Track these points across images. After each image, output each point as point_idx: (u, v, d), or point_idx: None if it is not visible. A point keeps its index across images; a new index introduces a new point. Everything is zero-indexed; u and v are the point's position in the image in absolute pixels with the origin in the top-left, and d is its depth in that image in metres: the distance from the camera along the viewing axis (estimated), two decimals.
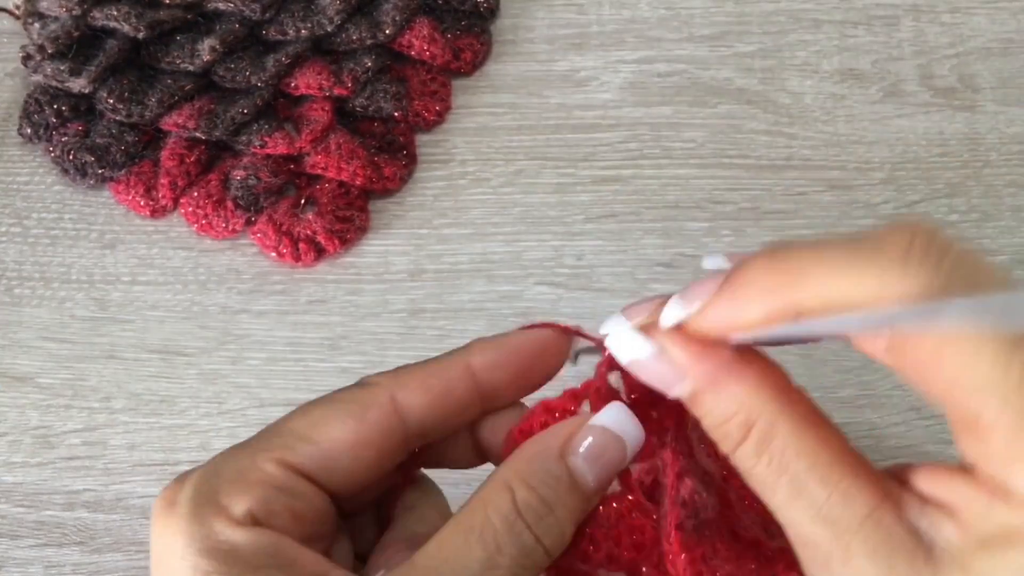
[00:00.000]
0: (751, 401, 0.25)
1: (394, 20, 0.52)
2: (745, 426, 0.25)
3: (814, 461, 0.25)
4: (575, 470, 0.27)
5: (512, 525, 0.26)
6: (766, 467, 0.25)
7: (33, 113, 0.52)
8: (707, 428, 0.26)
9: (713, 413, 0.25)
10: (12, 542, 0.44)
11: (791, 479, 0.24)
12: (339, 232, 0.48)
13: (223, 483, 0.26)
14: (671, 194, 0.50)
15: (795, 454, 0.25)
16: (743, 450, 0.25)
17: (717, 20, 0.55)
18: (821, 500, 0.24)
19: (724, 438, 0.25)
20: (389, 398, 0.29)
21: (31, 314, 0.49)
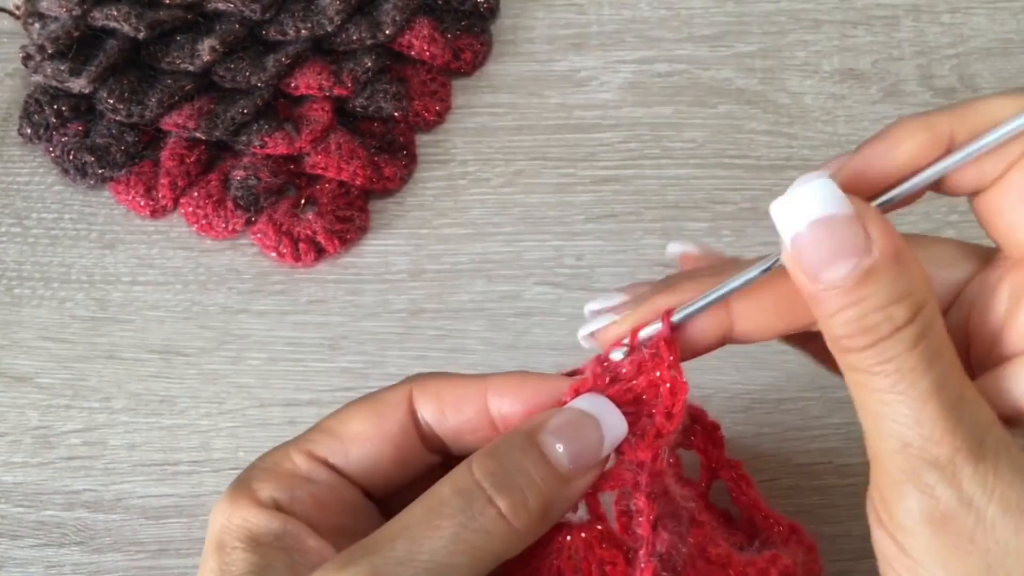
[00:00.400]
0: (925, 286, 0.25)
1: (394, 20, 0.52)
2: (915, 308, 0.25)
3: (955, 359, 0.25)
4: (545, 445, 0.27)
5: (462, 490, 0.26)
6: (922, 354, 0.25)
7: (33, 113, 0.52)
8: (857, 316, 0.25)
9: (887, 291, 0.25)
10: (12, 542, 0.44)
11: (941, 369, 0.25)
12: (339, 232, 0.48)
13: (258, 471, 0.29)
14: (671, 194, 0.50)
15: (948, 346, 0.25)
16: (905, 333, 0.25)
17: (717, 20, 0.55)
18: (961, 394, 0.25)
19: (884, 321, 0.25)
20: (407, 397, 0.30)
21: (31, 314, 0.49)
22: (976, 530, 0.24)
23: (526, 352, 0.46)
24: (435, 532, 0.26)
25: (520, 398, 0.30)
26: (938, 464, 0.24)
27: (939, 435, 0.24)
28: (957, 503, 0.24)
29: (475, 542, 0.26)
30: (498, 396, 0.30)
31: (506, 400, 0.30)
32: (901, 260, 0.25)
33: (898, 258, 0.25)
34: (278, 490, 0.29)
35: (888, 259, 0.25)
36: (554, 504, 0.27)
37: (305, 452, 0.30)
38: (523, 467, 0.27)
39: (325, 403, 0.46)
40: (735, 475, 0.36)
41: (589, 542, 0.28)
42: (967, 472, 0.24)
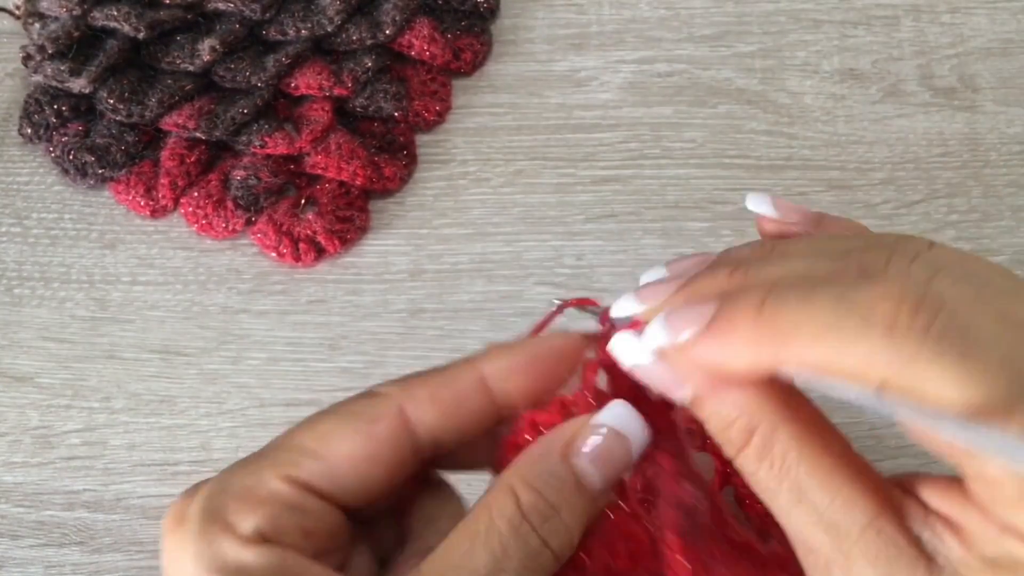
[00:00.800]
0: (752, 407, 0.25)
1: (394, 20, 0.52)
2: (747, 432, 0.25)
3: (815, 467, 0.25)
4: (580, 471, 0.27)
5: (517, 528, 0.26)
6: (767, 472, 0.25)
7: (33, 113, 0.52)
8: (710, 432, 0.26)
9: (714, 418, 0.25)
10: (12, 542, 0.44)
11: (792, 485, 0.25)
12: (339, 232, 0.48)
13: (230, 500, 0.26)
14: (671, 194, 0.50)
15: (796, 460, 0.25)
16: (745, 455, 0.25)
17: (717, 20, 0.55)
18: (823, 506, 0.24)
19: (726, 443, 0.25)
20: (398, 411, 0.28)
21: (31, 314, 0.49)
22: None
23: None
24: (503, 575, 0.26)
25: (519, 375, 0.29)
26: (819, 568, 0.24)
27: (815, 543, 0.24)
28: None
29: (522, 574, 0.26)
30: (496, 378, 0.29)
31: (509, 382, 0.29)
32: (719, 389, 0.25)
33: (716, 388, 0.25)
34: (261, 520, 0.26)
35: (706, 391, 0.25)
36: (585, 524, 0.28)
37: (284, 476, 0.27)
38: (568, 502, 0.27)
39: (325, 403, 0.45)
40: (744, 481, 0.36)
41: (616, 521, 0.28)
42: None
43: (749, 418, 0.25)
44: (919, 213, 0.49)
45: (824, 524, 0.24)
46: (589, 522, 0.27)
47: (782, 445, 0.25)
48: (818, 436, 0.25)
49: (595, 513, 0.28)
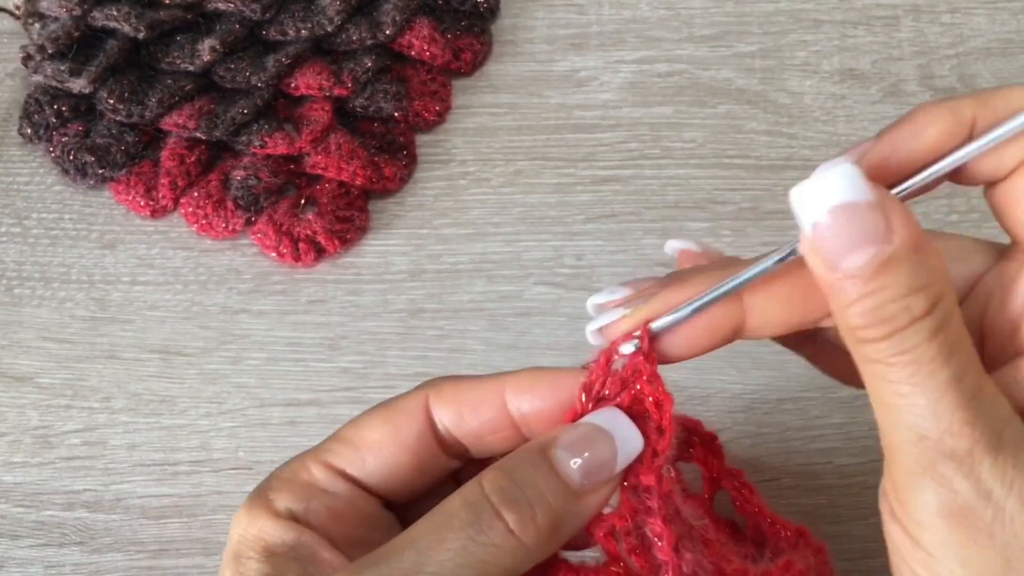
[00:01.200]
0: (944, 277, 0.25)
1: (394, 20, 0.52)
2: (934, 299, 0.24)
3: (973, 353, 0.25)
4: (556, 460, 0.27)
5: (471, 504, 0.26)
6: (940, 345, 0.24)
7: (33, 113, 0.52)
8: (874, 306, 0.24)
9: (906, 281, 0.24)
10: (12, 542, 0.44)
11: (960, 361, 0.24)
12: (339, 232, 0.48)
13: (276, 481, 0.30)
14: (671, 194, 0.50)
15: (965, 338, 0.25)
16: (921, 325, 0.24)
17: (717, 20, 0.55)
18: (979, 386, 0.24)
19: (902, 311, 0.24)
20: (423, 404, 0.30)
21: (31, 314, 0.49)
22: (995, 524, 0.24)
23: (526, 352, 0.46)
24: (442, 545, 0.26)
25: (538, 395, 0.29)
26: (956, 456, 0.24)
27: (957, 427, 0.24)
28: (975, 496, 0.24)
29: (482, 556, 0.26)
30: (516, 395, 0.29)
31: (525, 398, 0.29)
32: (921, 250, 0.24)
33: (918, 248, 0.24)
34: (294, 501, 0.29)
35: (908, 249, 0.24)
36: (564, 520, 0.27)
37: (322, 462, 0.30)
38: (533, 481, 0.27)
39: (325, 403, 0.46)
40: (738, 484, 0.36)
41: None
42: (986, 465, 0.24)
43: (940, 286, 0.24)
44: (919, 213, 0.48)
45: (979, 404, 0.24)
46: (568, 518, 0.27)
47: (958, 321, 0.25)
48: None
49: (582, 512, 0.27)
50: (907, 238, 0.24)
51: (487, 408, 0.29)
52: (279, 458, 0.44)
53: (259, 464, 0.45)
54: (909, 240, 0.24)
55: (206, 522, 0.44)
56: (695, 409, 0.44)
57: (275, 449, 0.45)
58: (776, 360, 0.45)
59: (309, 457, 0.30)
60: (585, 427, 0.28)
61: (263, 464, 0.45)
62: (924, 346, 0.24)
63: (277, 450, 0.45)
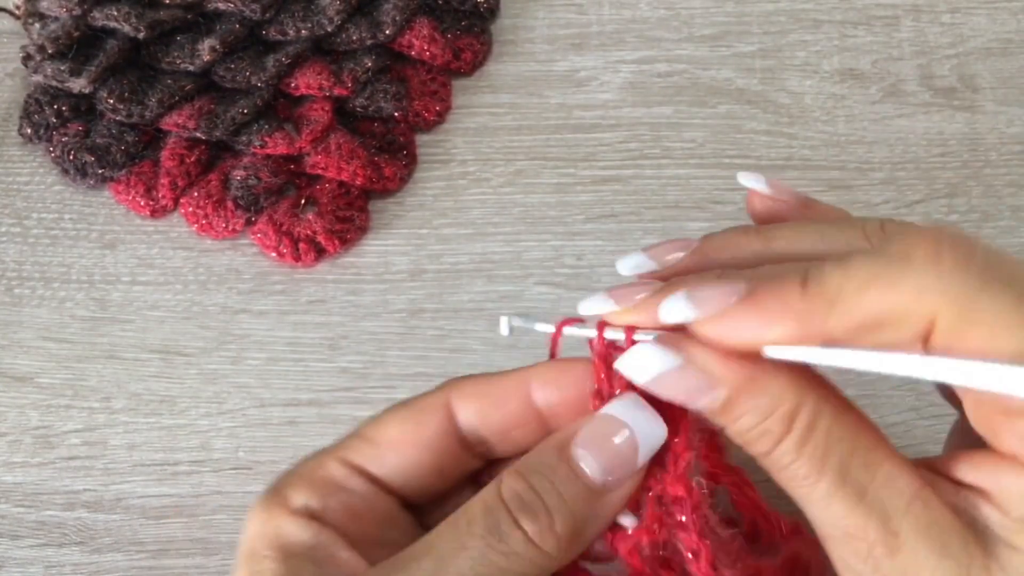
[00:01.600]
0: (792, 393, 0.24)
1: (394, 20, 0.52)
2: (788, 419, 0.24)
3: (855, 446, 0.24)
4: (575, 459, 0.27)
5: (491, 510, 0.26)
6: (809, 458, 0.24)
7: (33, 113, 0.52)
8: (737, 434, 0.25)
9: (753, 413, 0.24)
10: (12, 542, 0.44)
11: (836, 466, 0.24)
12: (339, 232, 0.48)
13: (293, 478, 0.29)
14: (671, 194, 0.50)
15: (838, 440, 0.24)
16: (785, 445, 0.24)
17: (717, 20, 0.55)
18: (866, 484, 0.24)
19: (763, 436, 0.25)
20: (445, 401, 0.29)
21: (31, 314, 0.49)
22: None
23: (526, 352, 0.46)
24: (462, 552, 0.25)
25: (563, 386, 0.29)
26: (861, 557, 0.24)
27: (852, 530, 0.24)
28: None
29: (502, 564, 0.25)
30: (542, 386, 0.29)
31: (550, 389, 0.29)
32: (755, 381, 0.24)
33: (751, 381, 0.24)
34: (311, 498, 0.28)
35: (739, 389, 0.24)
36: (586, 523, 0.26)
37: (341, 459, 0.29)
38: (551, 486, 0.26)
39: (325, 403, 0.46)
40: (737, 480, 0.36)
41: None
42: (886, 565, 0.24)
43: (790, 404, 0.24)
44: (919, 213, 0.49)
45: (868, 504, 0.24)
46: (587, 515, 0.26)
47: (824, 427, 0.24)
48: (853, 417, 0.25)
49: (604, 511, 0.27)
50: (732, 381, 0.24)
51: (512, 401, 0.29)
52: (279, 458, 0.45)
53: (259, 464, 0.45)
54: (735, 382, 0.24)
55: (206, 522, 0.44)
56: None
57: (275, 449, 0.45)
58: None
59: (327, 454, 0.29)
60: (603, 420, 0.27)
61: (263, 464, 0.45)
62: (795, 464, 0.24)
63: (277, 450, 0.45)
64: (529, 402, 0.29)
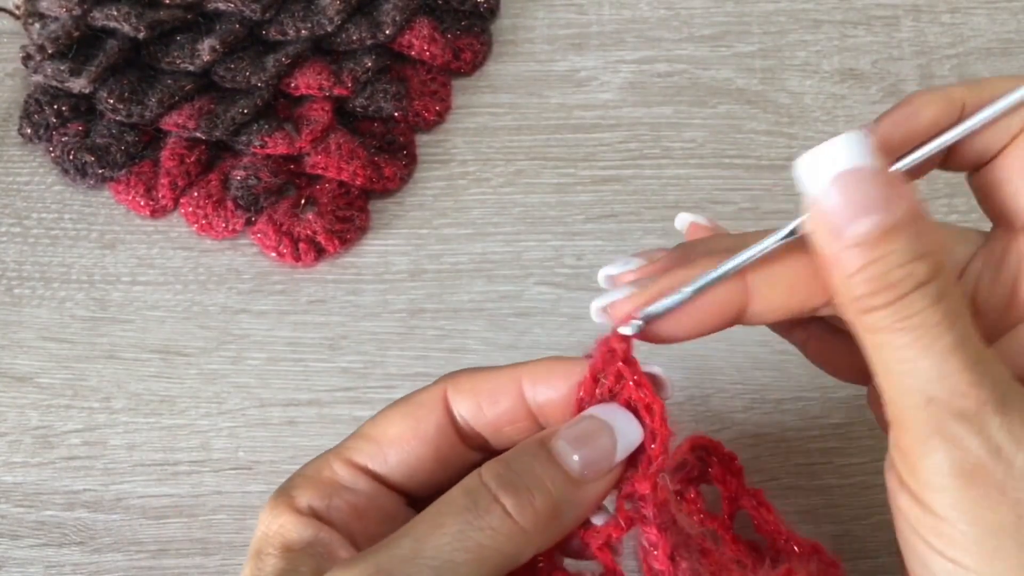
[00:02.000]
0: (942, 247, 0.25)
1: (394, 20, 0.52)
2: (936, 266, 0.25)
3: (971, 322, 0.25)
4: (557, 449, 0.27)
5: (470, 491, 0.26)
6: (946, 308, 0.25)
7: (33, 113, 0.52)
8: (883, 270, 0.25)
9: (910, 247, 0.25)
10: (12, 542, 0.44)
11: (964, 325, 0.25)
12: (339, 232, 0.48)
13: (299, 479, 0.30)
14: (671, 194, 0.50)
15: (965, 306, 0.25)
16: (925, 291, 0.25)
17: (717, 20, 0.55)
18: (982, 350, 0.25)
19: (906, 277, 0.25)
20: (442, 396, 0.30)
21: (31, 314, 0.49)
22: (1007, 480, 0.24)
23: (526, 352, 0.46)
24: (440, 530, 0.26)
25: (553, 384, 0.29)
26: (965, 416, 0.24)
27: (964, 388, 0.24)
28: (986, 453, 0.24)
29: (480, 540, 0.26)
30: (532, 384, 0.29)
31: (540, 388, 0.29)
32: (920, 220, 0.25)
33: (919, 217, 0.25)
34: (316, 498, 0.29)
35: (910, 217, 0.25)
36: (564, 507, 0.27)
37: (344, 459, 0.30)
38: (531, 468, 0.27)
39: (325, 403, 0.46)
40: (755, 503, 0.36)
41: None
42: (995, 423, 0.24)
43: (940, 257, 0.25)
44: None
45: (985, 364, 0.25)
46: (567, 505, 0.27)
47: (959, 288, 0.25)
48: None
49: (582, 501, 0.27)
50: (908, 207, 0.25)
51: (504, 398, 0.30)
52: (279, 458, 0.45)
53: (259, 464, 0.45)
54: (910, 209, 0.25)
55: (206, 522, 0.44)
56: (695, 409, 0.44)
57: (275, 449, 0.45)
58: (776, 360, 0.45)
59: (332, 455, 0.30)
60: (585, 420, 0.28)
61: (263, 464, 0.45)
62: (929, 311, 0.25)
63: (277, 450, 0.45)
64: (521, 399, 0.30)
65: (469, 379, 0.30)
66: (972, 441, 0.24)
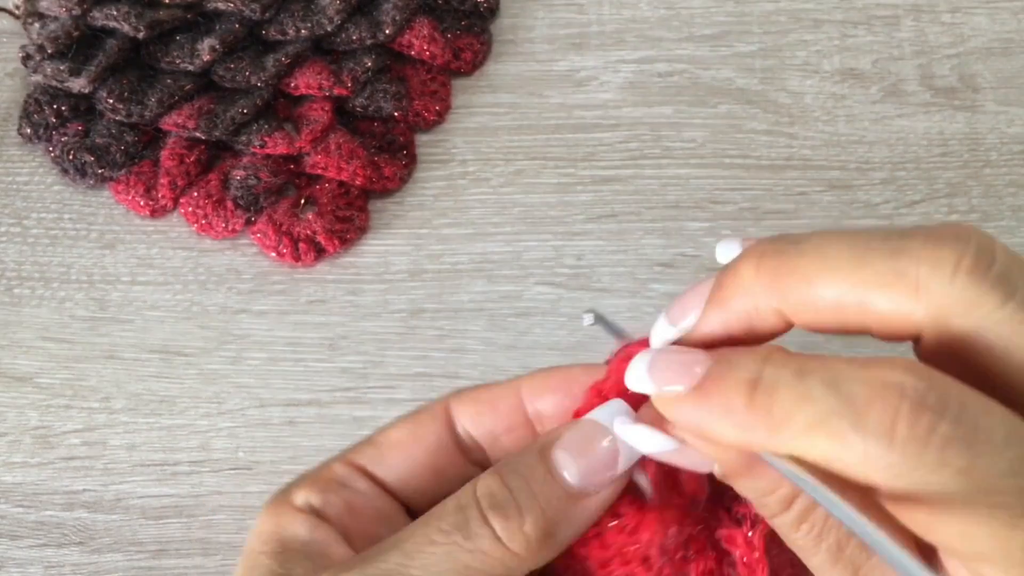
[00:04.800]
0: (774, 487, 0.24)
1: (394, 20, 0.52)
2: (785, 501, 0.24)
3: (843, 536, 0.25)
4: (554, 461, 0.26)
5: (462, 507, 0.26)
6: (805, 536, 0.24)
7: (33, 113, 0.52)
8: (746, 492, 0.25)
9: (750, 491, 0.25)
10: (12, 542, 0.44)
11: (832, 545, 0.24)
12: (339, 232, 0.48)
13: (300, 479, 0.30)
14: (671, 194, 0.50)
15: (835, 523, 0.24)
16: (782, 519, 0.25)
17: (717, 20, 0.54)
18: (860, 564, 0.24)
19: (762, 508, 0.25)
20: (444, 407, 0.30)
21: (31, 314, 0.49)
22: None
23: (526, 352, 0.46)
24: (428, 547, 0.25)
25: (551, 392, 0.29)
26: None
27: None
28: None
29: (468, 562, 0.25)
30: (531, 393, 0.29)
31: (538, 396, 0.29)
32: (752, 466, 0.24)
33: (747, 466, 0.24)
34: (313, 495, 0.29)
35: (734, 471, 0.24)
36: (559, 526, 0.26)
37: (345, 460, 0.30)
38: (526, 486, 0.26)
39: (325, 403, 0.46)
40: None
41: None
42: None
43: (787, 489, 0.24)
44: (919, 213, 0.49)
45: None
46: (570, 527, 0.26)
47: (822, 511, 0.24)
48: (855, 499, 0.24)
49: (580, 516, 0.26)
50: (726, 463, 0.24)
51: (503, 405, 0.30)
52: (279, 458, 0.45)
53: (259, 464, 0.45)
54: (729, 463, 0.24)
55: (206, 522, 0.44)
56: None
57: (275, 449, 0.45)
58: None
59: (335, 457, 0.30)
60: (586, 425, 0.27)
61: (263, 464, 0.45)
62: (792, 536, 0.25)
63: (277, 450, 0.45)
64: (520, 408, 0.30)
65: (470, 392, 0.31)
66: None
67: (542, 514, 0.26)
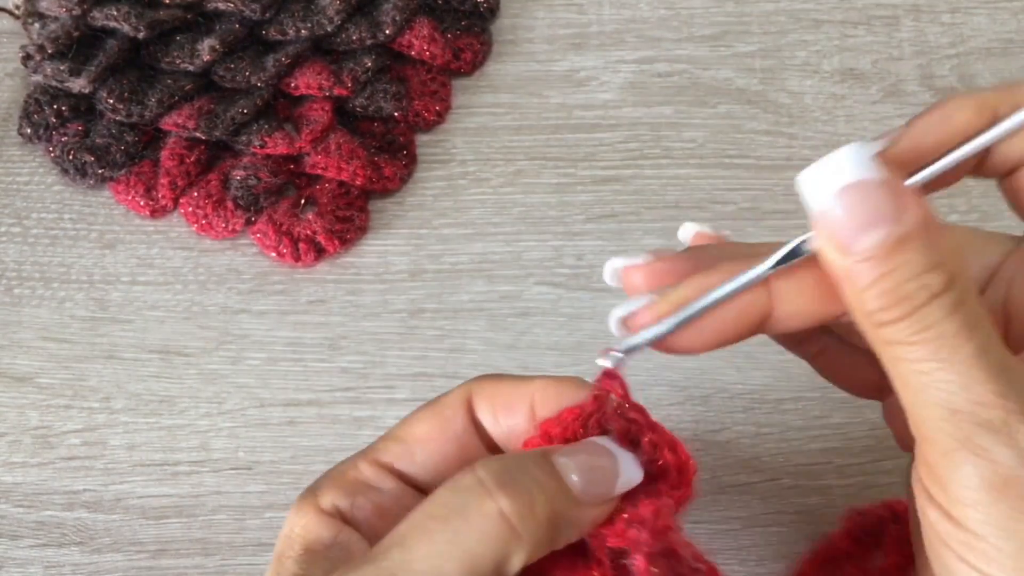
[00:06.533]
0: (957, 255, 0.24)
1: (394, 20, 0.52)
2: (950, 275, 0.24)
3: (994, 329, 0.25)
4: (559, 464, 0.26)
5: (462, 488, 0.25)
6: (963, 319, 0.24)
7: (33, 113, 0.52)
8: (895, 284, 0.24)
9: (921, 258, 0.24)
10: (12, 542, 0.44)
11: (984, 334, 0.24)
12: (339, 232, 0.48)
13: (326, 479, 0.29)
14: (671, 194, 0.50)
15: (986, 315, 0.24)
16: (940, 301, 0.24)
17: (717, 20, 0.55)
18: (1007, 359, 0.24)
19: (920, 289, 0.24)
20: (466, 398, 0.30)
21: (31, 314, 0.49)
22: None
23: (526, 352, 0.46)
24: (427, 536, 0.24)
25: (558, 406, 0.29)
26: (992, 426, 0.23)
27: (990, 398, 0.23)
28: (1018, 463, 0.23)
29: (471, 547, 0.24)
30: (541, 403, 0.29)
31: (546, 408, 0.29)
32: (932, 229, 0.24)
33: (929, 227, 0.24)
34: (340, 497, 0.28)
35: (920, 227, 0.24)
36: (562, 521, 0.25)
37: (370, 460, 0.29)
38: (532, 472, 0.25)
39: (325, 403, 0.46)
40: None
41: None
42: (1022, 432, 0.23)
43: (956, 265, 0.24)
44: None
45: (1010, 374, 0.24)
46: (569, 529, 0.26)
47: (976, 302, 0.24)
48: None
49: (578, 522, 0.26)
50: (918, 216, 0.24)
51: (518, 410, 0.29)
52: (279, 458, 0.45)
53: (259, 464, 0.45)
54: (920, 218, 0.24)
55: (206, 522, 0.44)
56: (695, 409, 0.44)
57: (275, 449, 0.45)
58: (776, 360, 0.45)
59: (359, 456, 0.30)
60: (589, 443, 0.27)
61: (263, 464, 0.45)
62: (946, 321, 0.24)
63: (277, 450, 0.45)
64: (532, 414, 0.29)
65: (490, 386, 0.30)
66: (1002, 453, 0.23)
67: (550, 499, 0.25)
